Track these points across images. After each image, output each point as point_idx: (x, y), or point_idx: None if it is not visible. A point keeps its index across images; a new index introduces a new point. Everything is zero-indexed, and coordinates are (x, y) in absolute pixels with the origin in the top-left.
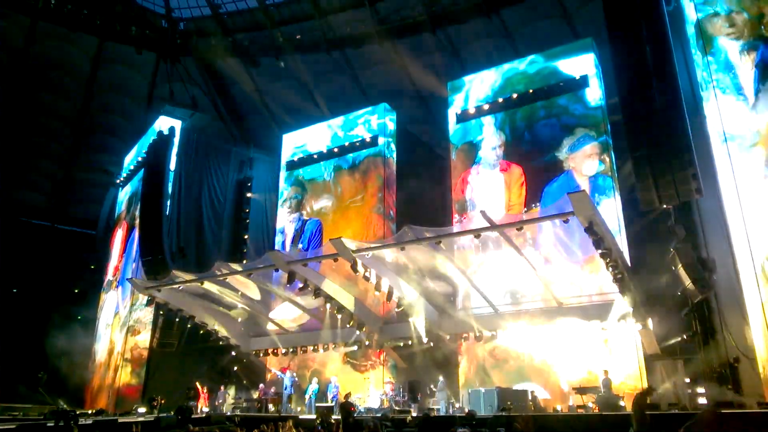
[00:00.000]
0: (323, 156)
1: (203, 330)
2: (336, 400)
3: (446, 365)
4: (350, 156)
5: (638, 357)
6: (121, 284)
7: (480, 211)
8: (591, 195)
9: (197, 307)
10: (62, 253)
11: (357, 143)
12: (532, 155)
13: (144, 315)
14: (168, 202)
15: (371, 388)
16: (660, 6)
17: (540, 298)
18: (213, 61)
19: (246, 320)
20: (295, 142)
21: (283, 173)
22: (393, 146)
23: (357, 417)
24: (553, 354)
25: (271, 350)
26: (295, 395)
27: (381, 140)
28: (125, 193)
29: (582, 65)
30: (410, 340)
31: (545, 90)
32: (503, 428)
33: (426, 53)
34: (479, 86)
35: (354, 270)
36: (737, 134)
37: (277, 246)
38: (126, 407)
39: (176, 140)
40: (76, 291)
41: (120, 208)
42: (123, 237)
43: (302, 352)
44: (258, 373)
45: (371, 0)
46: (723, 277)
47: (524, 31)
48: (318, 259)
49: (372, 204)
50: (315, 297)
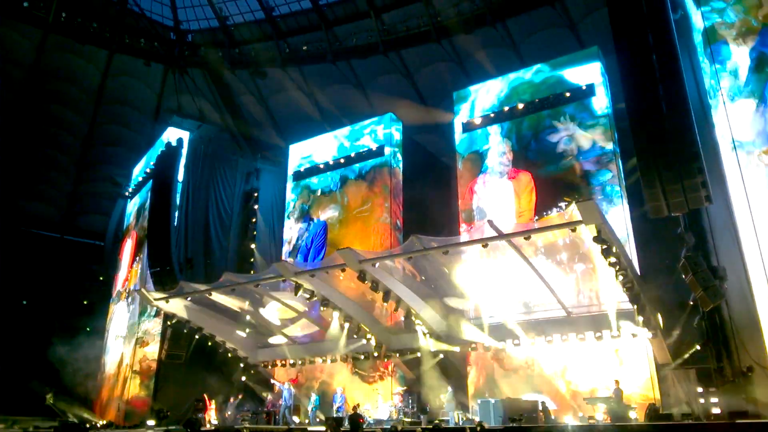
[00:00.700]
0: (330, 166)
1: (211, 341)
2: (342, 411)
3: (455, 376)
4: (356, 166)
5: (649, 366)
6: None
7: (487, 221)
8: (599, 203)
9: (205, 319)
10: (71, 265)
11: (363, 153)
12: (539, 164)
13: (152, 326)
14: (176, 213)
15: (380, 400)
16: (666, 14)
17: (549, 308)
18: (220, 73)
19: (253, 331)
20: (302, 153)
21: (290, 184)
22: (399, 156)
23: (366, 429)
24: (564, 364)
25: (279, 361)
26: (303, 407)
27: (387, 150)
28: (134, 205)
29: (588, 74)
30: (418, 351)
31: (551, 99)
32: None
33: (431, 63)
34: (485, 96)
35: (361, 280)
36: (746, 141)
37: (285, 256)
38: (135, 419)
39: (184, 151)
40: (85, 303)
41: (128, 220)
42: (132, 248)
43: (310, 363)
44: (266, 385)
45: (377, 11)
46: (734, 285)
47: (529, 41)
48: (326, 269)
49: (379, 214)
50: (323, 308)
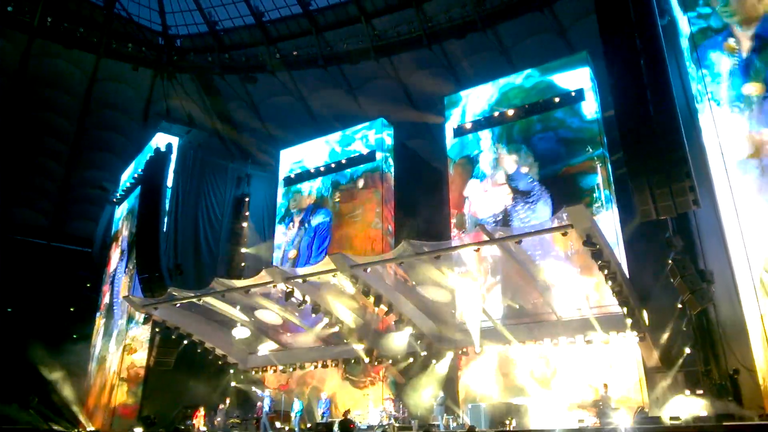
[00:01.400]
0: (321, 171)
1: (201, 348)
2: (327, 417)
3: (446, 380)
4: (348, 171)
5: (638, 370)
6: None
7: (478, 225)
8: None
9: (194, 325)
10: (58, 271)
11: (355, 158)
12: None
13: (141, 333)
14: (165, 219)
15: (371, 405)
16: (654, 19)
17: (540, 312)
18: (210, 78)
19: (244, 338)
20: (293, 158)
21: (281, 189)
22: (391, 161)
23: None
24: (553, 368)
25: (270, 367)
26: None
27: (379, 155)
28: (122, 211)
29: (577, 79)
30: (410, 356)
31: (541, 104)
32: None
33: (422, 68)
34: (476, 101)
35: (353, 285)
36: (732, 146)
37: (276, 262)
38: (122, 427)
39: (173, 157)
40: (72, 309)
41: (117, 226)
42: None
43: (300, 369)
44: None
45: (368, 16)
46: (722, 289)
47: (520, 46)
48: (317, 275)
49: (370, 219)
50: (314, 313)
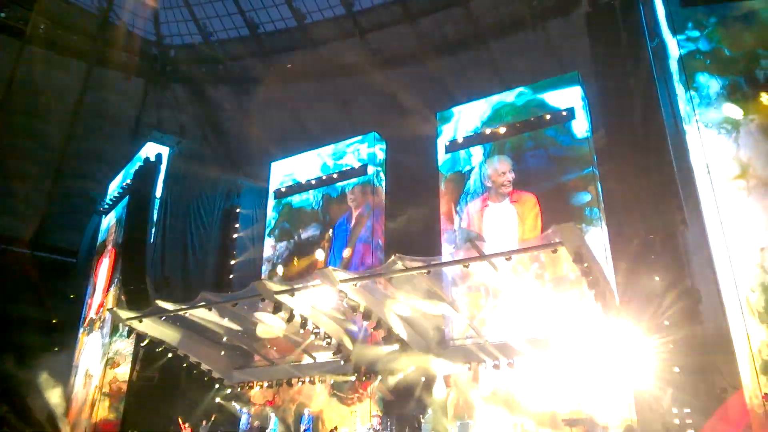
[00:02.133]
0: (312, 184)
1: (186, 363)
2: None
3: (435, 397)
4: (339, 185)
5: (627, 387)
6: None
7: (468, 240)
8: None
9: (180, 339)
10: (40, 282)
11: (346, 172)
12: (519, 186)
13: (124, 347)
14: (153, 230)
15: (358, 422)
16: (644, 42)
17: (529, 328)
18: (203, 89)
19: (230, 352)
20: (284, 171)
21: (272, 201)
22: (382, 175)
23: None
24: (542, 385)
25: (256, 383)
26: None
27: (370, 169)
28: (108, 221)
29: (568, 98)
30: (398, 371)
31: (533, 122)
32: None
33: (416, 83)
34: (468, 117)
35: (341, 300)
36: (719, 167)
37: (264, 275)
38: None
39: (163, 167)
40: (54, 321)
41: (103, 236)
42: (109, 268)
43: (287, 385)
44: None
45: (362, 31)
46: (709, 308)
47: (512, 64)
48: (306, 288)
49: (360, 233)
50: (302, 328)
